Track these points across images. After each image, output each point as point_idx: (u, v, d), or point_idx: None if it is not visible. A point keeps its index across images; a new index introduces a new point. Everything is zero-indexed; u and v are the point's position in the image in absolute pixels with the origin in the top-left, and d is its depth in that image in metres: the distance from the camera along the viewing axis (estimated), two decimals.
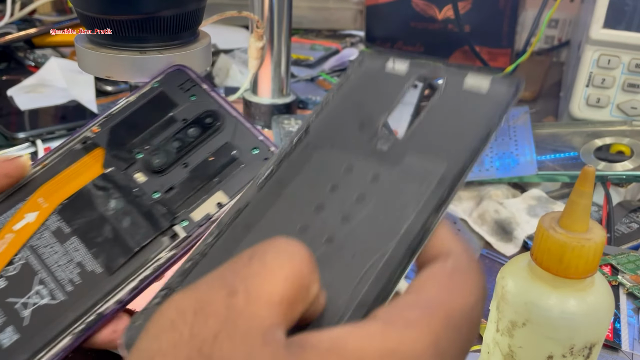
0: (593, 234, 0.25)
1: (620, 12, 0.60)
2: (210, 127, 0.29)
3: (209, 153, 0.29)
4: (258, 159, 0.28)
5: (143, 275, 0.26)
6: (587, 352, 0.27)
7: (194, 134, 0.29)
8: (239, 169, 0.28)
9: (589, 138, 0.61)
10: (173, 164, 0.28)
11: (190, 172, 0.28)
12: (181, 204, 0.27)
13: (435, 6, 0.91)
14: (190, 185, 0.28)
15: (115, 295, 0.25)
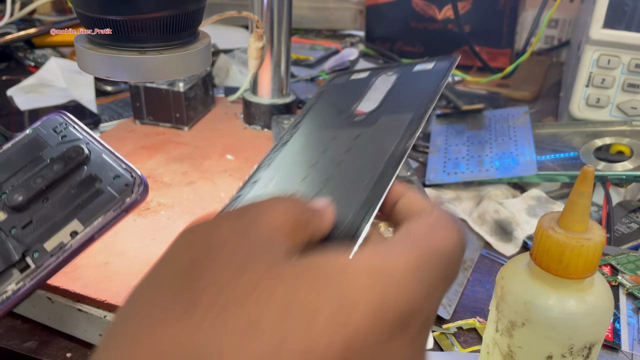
0: (592, 234, 0.25)
1: (620, 12, 0.60)
2: (74, 161, 0.30)
3: (71, 186, 0.29)
4: (119, 185, 0.29)
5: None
6: (586, 352, 0.27)
7: (57, 170, 0.30)
8: (98, 197, 0.29)
9: (589, 138, 0.61)
10: (34, 200, 0.29)
11: (50, 206, 0.29)
12: (36, 236, 0.28)
13: (435, 6, 0.91)
14: (47, 218, 0.29)
15: None
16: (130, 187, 0.29)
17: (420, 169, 0.62)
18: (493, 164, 0.58)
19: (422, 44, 0.94)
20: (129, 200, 0.29)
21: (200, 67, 0.40)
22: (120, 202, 0.28)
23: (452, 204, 0.54)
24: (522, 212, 0.53)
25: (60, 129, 0.32)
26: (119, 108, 0.71)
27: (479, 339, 0.40)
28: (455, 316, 0.42)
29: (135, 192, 0.29)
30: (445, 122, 0.69)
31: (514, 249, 0.50)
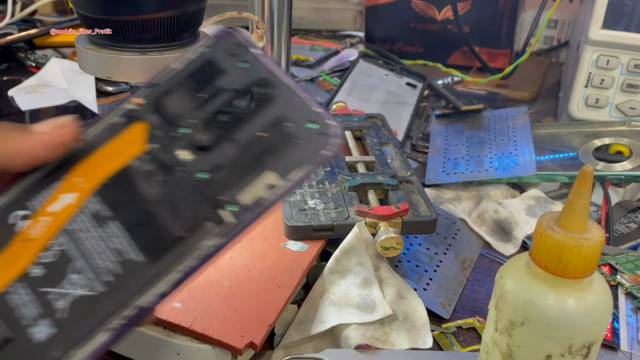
0: (591, 234, 0.26)
1: (619, 13, 0.60)
2: (262, 98, 0.26)
3: (260, 127, 0.25)
4: (313, 134, 0.25)
5: (188, 265, 0.23)
6: (585, 351, 0.27)
7: (243, 106, 0.26)
8: (294, 147, 0.25)
9: (588, 138, 0.61)
10: (220, 140, 0.25)
11: (239, 150, 0.25)
12: (228, 185, 0.25)
13: (434, 7, 0.91)
14: (239, 163, 0.25)
15: (158, 288, 0.23)
16: (325, 138, 0.25)
17: (420, 169, 0.62)
18: (492, 164, 0.58)
19: (422, 45, 0.95)
20: (325, 152, 0.24)
21: None
22: (315, 156, 0.24)
23: (451, 204, 0.55)
24: (521, 212, 0.53)
25: (238, 51, 0.27)
26: None
27: (478, 338, 0.40)
28: (455, 315, 0.42)
29: (330, 144, 0.24)
30: (444, 122, 0.69)
31: (513, 249, 0.50)
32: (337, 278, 0.41)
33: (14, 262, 0.24)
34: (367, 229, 0.43)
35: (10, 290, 0.23)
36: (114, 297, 0.23)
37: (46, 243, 0.24)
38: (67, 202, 0.25)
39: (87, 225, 0.24)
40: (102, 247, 0.24)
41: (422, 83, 0.80)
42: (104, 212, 0.24)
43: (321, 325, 0.37)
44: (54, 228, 0.24)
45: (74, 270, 0.23)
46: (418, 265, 0.45)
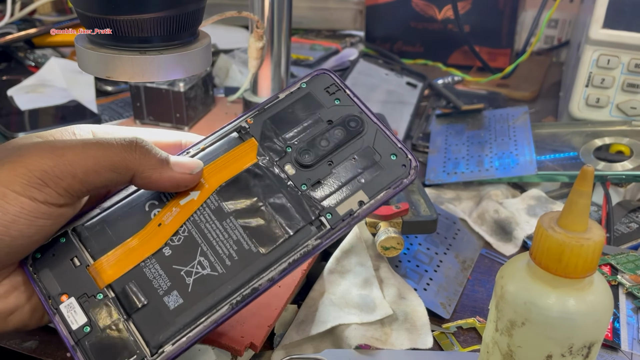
0: (592, 234, 0.25)
1: (619, 12, 0.60)
2: (354, 130, 0.31)
3: (352, 154, 0.30)
4: (396, 164, 0.30)
5: (292, 258, 0.28)
6: (586, 351, 0.27)
7: (339, 136, 0.31)
8: (379, 172, 0.30)
9: (589, 138, 0.61)
10: (320, 161, 0.30)
11: (336, 170, 0.30)
12: (327, 198, 0.29)
13: (435, 6, 0.91)
14: (335, 181, 0.30)
15: (269, 274, 0.27)
16: (407, 169, 0.30)
17: (420, 168, 0.62)
18: (493, 163, 0.58)
19: (422, 44, 0.94)
20: (406, 181, 0.29)
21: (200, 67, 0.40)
22: (399, 182, 0.29)
23: (452, 204, 0.54)
24: (521, 211, 0.53)
25: (332, 90, 0.32)
26: (119, 108, 0.71)
27: (478, 338, 0.40)
28: (455, 315, 0.42)
29: (410, 174, 0.29)
30: (445, 122, 0.69)
31: (514, 249, 0.50)
32: (337, 278, 0.41)
33: (150, 242, 0.28)
34: (367, 229, 0.43)
35: (146, 264, 0.28)
36: (233, 278, 0.27)
37: (176, 229, 0.29)
38: (193, 198, 0.29)
39: (209, 218, 0.29)
40: (223, 237, 0.28)
41: (423, 83, 0.80)
42: (224, 209, 0.29)
43: (321, 326, 0.37)
44: (182, 218, 0.29)
45: (201, 254, 0.28)
46: (418, 265, 0.45)
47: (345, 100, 0.32)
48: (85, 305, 0.27)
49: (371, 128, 0.31)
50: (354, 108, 0.32)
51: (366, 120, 0.31)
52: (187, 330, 0.26)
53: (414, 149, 0.67)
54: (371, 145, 0.31)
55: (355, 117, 0.31)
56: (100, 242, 0.29)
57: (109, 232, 0.29)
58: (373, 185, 0.29)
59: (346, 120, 0.31)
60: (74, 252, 0.28)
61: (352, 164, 0.30)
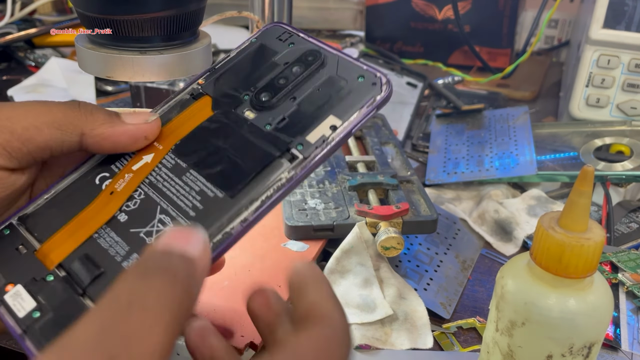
0: (592, 234, 0.25)
1: (620, 12, 0.60)
2: (313, 64, 0.30)
3: (315, 86, 0.29)
4: (366, 84, 0.29)
5: (265, 195, 0.26)
6: (586, 351, 0.27)
7: (298, 72, 0.30)
8: (348, 95, 0.29)
9: (589, 138, 0.61)
10: (281, 99, 0.29)
11: (300, 104, 0.29)
12: (295, 130, 0.28)
13: (435, 6, 0.91)
14: (301, 114, 0.29)
15: (240, 215, 0.26)
16: (378, 85, 0.29)
17: (420, 168, 0.62)
18: (493, 163, 0.58)
19: (422, 44, 0.94)
20: (379, 97, 0.28)
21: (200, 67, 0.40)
22: (371, 99, 0.28)
23: (452, 204, 0.54)
24: (522, 211, 0.53)
25: (285, 37, 0.32)
26: (120, 108, 0.71)
27: (479, 338, 0.40)
28: (455, 315, 0.42)
29: (383, 89, 0.28)
30: (445, 122, 0.69)
31: (514, 249, 0.50)
32: (337, 278, 0.41)
33: (101, 212, 0.27)
34: (368, 229, 0.43)
35: (100, 234, 0.26)
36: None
37: (130, 194, 0.27)
38: (146, 162, 0.28)
39: (167, 177, 0.28)
40: (183, 191, 0.27)
41: (423, 83, 0.80)
42: (182, 164, 0.28)
43: None
44: (136, 182, 0.28)
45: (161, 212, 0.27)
46: (418, 265, 0.45)
47: (300, 42, 0.31)
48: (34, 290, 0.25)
49: (332, 59, 0.30)
50: (311, 45, 0.31)
51: (325, 53, 0.30)
52: None
53: (414, 149, 0.67)
54: (334, 74, 0.30)
55: (313, 51, 0.30)
56: (48, 224, 0.27)
57: (57, 213, 0.28)
58: (344, 107, 0.28)
59: (303, 56, 0.30)
60: (19, 240, 0.27)
61: (318, 93, 0.29)
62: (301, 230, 0.43)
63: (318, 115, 0.28)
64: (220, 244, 0.26)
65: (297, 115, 0.29)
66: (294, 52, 0.31)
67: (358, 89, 0.29)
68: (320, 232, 0.43)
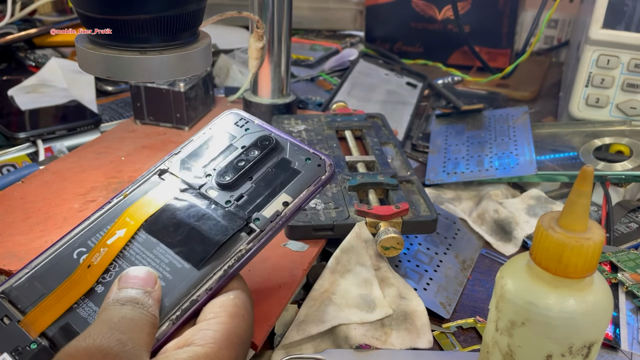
0: (592, 234, 0.26)
1: (619, 12, 0.60)
2: (267, 147, 0.34)
3: (269, 167, 0.34)
4: (312, 166, 0.33)
5: (227, 265, 0.30)
6: (586, 351, 0.27)
7: (254, 154, 0.34)
8: (298, 176, 0.33)
9: (588, 138, 0.61)
10: (240, 179, 0.33)
11: (256, 183, 0.33)
12: (252, 207, 0.32)
13: (435, 6, 0.91)
14: (257, 192, 0.33)
15: (205, 284, 0.29)
16: (323, 167, 0.33)
17: (420, 168, 0.62)
18: (493, 163, 0.58)
19: (422, 44, 0.94)
20: (324, 177, 0.33)
21: (200, 67, 0.40)
22: (317, 179, 0.33)
23: (452, 204, 0.54)
24: (521, 211, 0.53)
25: (241, 124, 0.36)
26: (120, 108, 0.71)
27: (478, 338, 0.40)
28: (455, 315, 0.42)
29: (327, 170, 0.33)
30: (445, 122, 0.69)
31: (514, 249, 0.50)
32: (337, 278, 0.41)
33: (80, 284, 0.29)
34: (368, 229, 0.43)
35: (79, 304, 0.29)
36: (169, 295, 0.29)
37: (106, 267, 0.30)
38: (120, 236, 0.31)
39: (139, 250, 0.31)
40: (154, 263, 0.30)
41: (423, 83, 0.80)
42: (152, 239, 0.31)
43: (321, 325, 0.37)
44: (111, 255, 0.30)
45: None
46: (418, 265, 0.45)
47: (255, 128, 0.36)
48: (19, 357, 0.27)
49: (283, 143, 0.34)
50: (264, 131, 0.35)
51: (277, 138, 0.35)
52: None
53: (414, 149, 0.67)
54: (286, 156, 0.34)
55: (266, 136, 0.35)
56: (30, 296, 0.29)
57: (38, 286, 0.30)
58: (294, 187, 0.32)
59: (259, 141, 0.35)
60: (3, 312, 0.29)
61: (271, 174, 0.33)
62: (301, 230, 0.43)
63: (272, 193, 0.32)
64: (188, 309, 0.28)
65: (254, 193, 0.33)
66: (251, 137, 0.35)
67: (306, 170, 0.33)
68: (320, 232, 0.43)
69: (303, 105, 0.72)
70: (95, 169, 0.53)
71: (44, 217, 0.45)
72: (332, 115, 0.60)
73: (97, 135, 0.62)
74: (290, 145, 0.34)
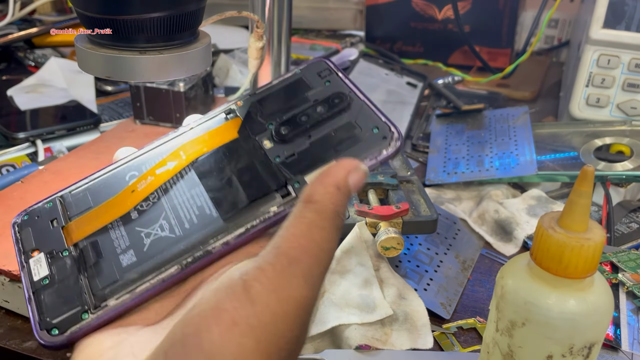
0: (592, 234, 0.25)
1: (620, 12, 0.60)
2: (337, 107, 0.32)
3: (332, 129, 0.31)
4: (377, 137, 0.30)
5: (250, 224, 0.28)
6: (586, 351, 0.27)
7: (321, 111, 0.32)
8: (358, 144, 0.30)
9: (589, 138, 0.61)
10: (297, 135, 0.31)
11: (312, 144, 0.31)
12: (298, 168, 0.30)
13: (435, 6, 0.91)
14: (309, 154, 0.31)
15: (223, 238, 0.28)
16: (387, 140, 0.30)
17: (420, 168, 0.62)
18: (493, 163, 0.58)
19: (422, 44, 0.94)
20: (385, 152, 0.30)
21: (200, 67, 0.40)
22: (377, 152, 0.30)
23: (452, 204, 0.54)
24: (522, 212, 0.53)
25: (325, 74, 0.34)
26: (119, 108, 0.71)
27: (479, 338, 0.40)
28: (455, 316, 0.42)
29: (391, 145, 0.30)
30: (445, 122, 0.69)
31: (514, 249, 0.50)
32: (337, 278, 0.41)
33: (120, 206, 0.30)
34: (368, 229, 0.43)
35: (112, 226, 0.30)
36: (187, 240, 0.28)
37: (146, 196, 0.30)
38: (168, 168, 0.31)
39: (180, 187, 0.31)
40: (188, 203, 0.30)
41: (423, 82, 0.80)
42: (195, 179, 0.31)
43: (321, 326, 0.37)
44: (154, 185, 0.31)
45: (164, 217, 0.29)
46: (418, 265, 0.45)
47: (336, 82, 0.33)
48: (51, 260, 0.29)
49: (357, 105, 0.32)
50: (344, 87, 0.33)
51: (353, 97, 0.32)
52: (133, 286, 0.27)
53: (414, 149, 0.67)
54: (353, 120, 0.31)
55: (341, 94, 0.32)
56: (80, 206, 0.31)
57: (89, 198, 0.31)
58: (348, 155, 0.30)
59: (331, 97, 0.32)
60: (54, 215, 0.31)
61: (332, 137, 0.31)
62: None
63: (324, 158, 0.30)
64: (199, 259, 0.28)
65: (305, 154, 0.31)
66: (326, 90, 0.33)
67: (369, 139, 0.30)
68: None
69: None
70: (95, 169, 0.52)
71: None
72: None
73: (97, 135, 0.62)
74: (363, 108, 0.32)
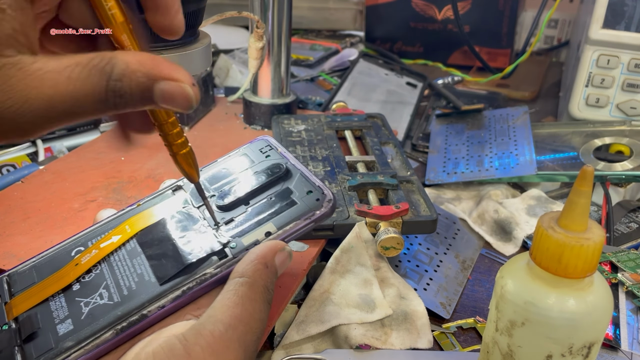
0: (592, 234, 0.25)
1: (619, 12, 0.60)
2: (275, 175, 0.34)
3: (271, 195, 0.34)
4: (311, 199, 0.32)
5: (187, 286, 0.29)
6: (586, 351, 0.27)
7: (260, 181, 0.34)
8: (292, 207, 0.32)
9: (589, 138, 0.61)
10: (237, 203, 0.33)
11: (251, 210, 0.33)
12: (236, 232, 0.32)
13: (435, 6, 0.91)
14: (248, 218, 0.33)
15: (159, 301, 0.29)
16: (320, 202, 0.32)
17: (420, 168, 0.62)
18: (493, 163, 0.58)
19: (422, 44, 0.94)
20: (318, 212, 0.32)
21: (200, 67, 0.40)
22: (310, 214, 0.32)
23: (452, 204, 0.54)
24: (521, 211, 0.53)
25: (265, 150, 0.37)
26: None
27: (478, 338, 0.40)
28: (455, 315, 0.42)
29: (324, 206, 0.32)
30: (445, 122, 0.69)
31: (514, 249, 0.50)
32: (337, 278, 0.41)
33: (63, 279, 0.31)
34: (367, 229, 0.43)
35: (54, 298, 0.30)
36: (124, 306, 0.29)
37: (89, 268, 0.31)
38: (113, 241, 0.32)
39: (122, 258, 0.32)
40: (129, 271, 0.31)
41: (423, 83, 0.80)
42: (136, 249, 0.32)
43: (321, 325, 0.37)
44: (97, 258, 0.32)
45: (104, 287, 0.30)
46: (418, 265, 0.45)
47: (275, 155, 0.36)
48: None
49: (293, 173, 0.34)
50: (281, 159, 0.35)
51: (290, 167, 0.35)
52: (67, 354, 0.28)
53: (414, 149, 0.67)
54: (290, 186, 0.34)
55: (279, 165, 0.35)
56: (24, 282, 0.32)
57: (33, 274, 0.32)
58: (284, 218, 0.32)
59: (270, 168, 0.35)
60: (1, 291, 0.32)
61: (268, 202, 0.33)
62: None
63: (261, 221, 0.32)
64: (135, 323, 0.29)
65: (245, 218, 0.33)
66: (267, 164, 0.36)
67: (303, 202, 0.33)
68: (320, 232, 0.43)
69: (303, 105, 0.72)
70: (95, 169, 0.53)
71: (43, 217, 0.45)
72: (332, 115, 0.60)
73: (97, 135, 0.62)
74: (299, 176, 0.34)
